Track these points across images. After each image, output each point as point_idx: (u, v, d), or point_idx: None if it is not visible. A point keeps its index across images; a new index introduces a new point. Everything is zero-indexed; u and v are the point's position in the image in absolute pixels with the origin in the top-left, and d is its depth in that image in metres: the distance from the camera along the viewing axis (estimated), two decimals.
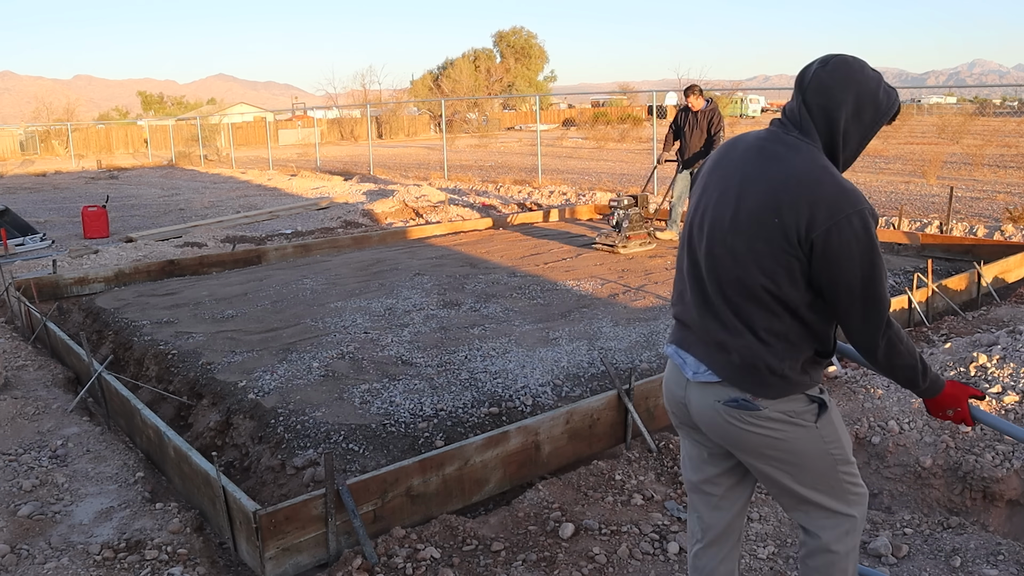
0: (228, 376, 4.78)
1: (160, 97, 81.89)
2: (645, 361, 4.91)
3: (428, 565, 2.82)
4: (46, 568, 2.90)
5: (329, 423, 4.02)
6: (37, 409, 4.44)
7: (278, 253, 9.08)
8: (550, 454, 3.64)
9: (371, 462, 3.66)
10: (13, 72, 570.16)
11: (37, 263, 9.26)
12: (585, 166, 21.62)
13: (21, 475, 3.64)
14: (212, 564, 3.03)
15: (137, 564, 2.93)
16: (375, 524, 3.07)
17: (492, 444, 3.43)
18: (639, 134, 33.75)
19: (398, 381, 4.60)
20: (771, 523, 3.12)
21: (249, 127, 49.01)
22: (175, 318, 6.24)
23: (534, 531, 3.04)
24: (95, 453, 3.92)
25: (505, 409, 4.22)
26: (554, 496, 3.28)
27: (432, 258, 8.58)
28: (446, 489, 3.30)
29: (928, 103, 53.00)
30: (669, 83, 61.40)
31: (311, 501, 2.92)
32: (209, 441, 4.26)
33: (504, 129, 51.17)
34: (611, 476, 3.44)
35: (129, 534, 3.13)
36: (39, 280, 7.37)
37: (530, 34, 67.27)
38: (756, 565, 2.84)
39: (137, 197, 17.72)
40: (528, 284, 7.05)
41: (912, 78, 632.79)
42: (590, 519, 3.11)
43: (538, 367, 4.77)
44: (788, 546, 2.97)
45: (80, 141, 42.27)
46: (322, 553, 2.97)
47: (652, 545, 2.94)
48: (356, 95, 55.02)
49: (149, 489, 3.58)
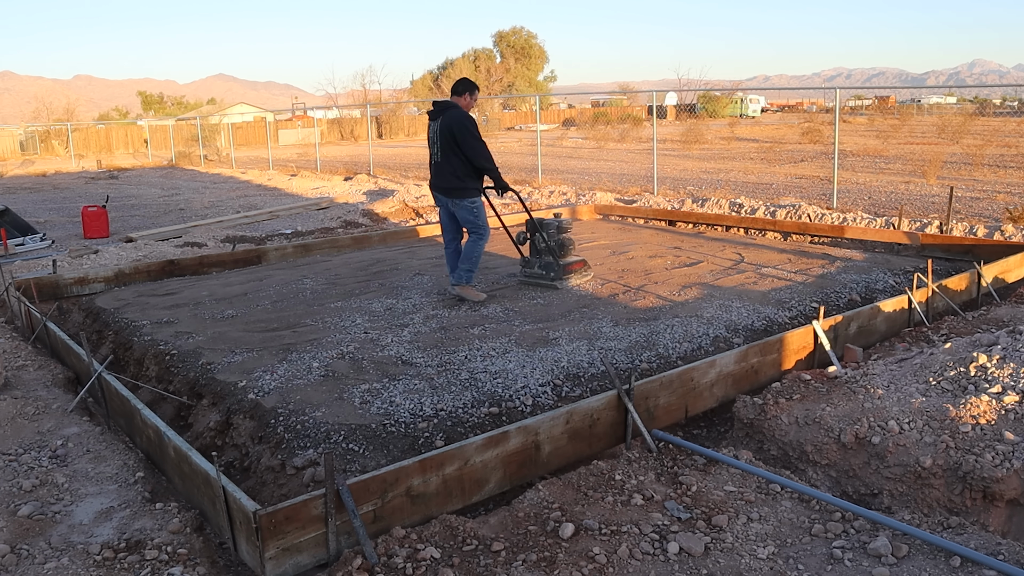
0: (228, 376, 4.78)
1: (160, 97, 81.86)
2: (645, 361, 4.91)
3: (428, 565, 2.82)
4: (46, 568, 2.90)
5: (329, 423, 4.02)
6: (37, 409, 4.45)
7: (278, 253, 9.08)
8: (550, 454, 3.64)
9: (371, 462, 3.66)
10: (13, 72, 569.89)
11: (37, 263, 9.27)
12: (585, 166, 21.64)
13: (21, 475, 3.64)
14: (212, 564, 3.03)
15: (137, 564, 2.93)
16: (375, 524, 3.07)
17: (492, 444, 3.43)
18: (639, 134, 33.77)
19: (398, 381, 4.60)
20: (771, 523, 3.12)
21: (249, 127, 49.01)
22: (175, 318, 6.24)
23: (534, 531, 3.04)
24: (95, 453, 3.93)
25: (505, 409, 4.22)
26: (554, 496, 3.28)
27: (432, 258, 8.58)
28: (446, 489, 3.30)
29: (928, 103, 53.02)
30: (669, 83, 61.32)
31: (311, 501, 2.92)
32: (209, 441, 4.26)
33: (504, 129, 51.17)
34: (611, 476, 3.44)
35: (129, 534, 3.13)
36: (39, 280, 7.37)
37: (530, 34, 67.34)
38: (756, 565, 2.84)
39: (137, 197, 17.72)
40: (528, 284, 7.05)
41: (912, 78, 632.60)
42: (590, 519, 3.11)
43: (538, 367, 4.77)
44: (788, 546, 2.98)
45: (80, 141, 42.29)
46: (322, 553, 2.97)
47: (652, 545, 2.95)
48: (356, 95, 55.04)
49: (149, 489, 3.58)
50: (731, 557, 2.88)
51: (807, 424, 3.88)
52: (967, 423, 3.57)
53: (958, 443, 3.47)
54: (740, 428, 4.15)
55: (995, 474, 3.28)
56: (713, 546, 2.94)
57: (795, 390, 4.26)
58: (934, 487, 3.41)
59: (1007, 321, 5.42)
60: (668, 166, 19.58)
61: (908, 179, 15.39)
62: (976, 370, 3.95)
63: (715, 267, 7.59)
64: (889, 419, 3.73)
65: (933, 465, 3.44)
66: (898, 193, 13.46)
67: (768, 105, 69.80)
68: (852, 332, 5.27)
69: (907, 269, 7.21)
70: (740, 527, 3.08)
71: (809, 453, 3.79)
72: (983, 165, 16.88)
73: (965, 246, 7.88)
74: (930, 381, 4.00)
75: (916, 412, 3.74)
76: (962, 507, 3.33)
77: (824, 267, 7.49)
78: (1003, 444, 3.39)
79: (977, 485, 3.31)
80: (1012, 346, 4.06)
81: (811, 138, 27.37)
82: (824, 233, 9.17)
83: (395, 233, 10.19)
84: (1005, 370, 3.89)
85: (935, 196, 12.75)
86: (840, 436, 3.74)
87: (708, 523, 3.10)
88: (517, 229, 10.67)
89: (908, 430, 3.64)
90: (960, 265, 7.39)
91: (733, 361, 4.48)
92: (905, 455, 3.53)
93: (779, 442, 3.92)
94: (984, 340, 4.30)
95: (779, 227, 9.59)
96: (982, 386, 3.82)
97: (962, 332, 5.27)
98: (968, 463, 3.35)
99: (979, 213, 10.90)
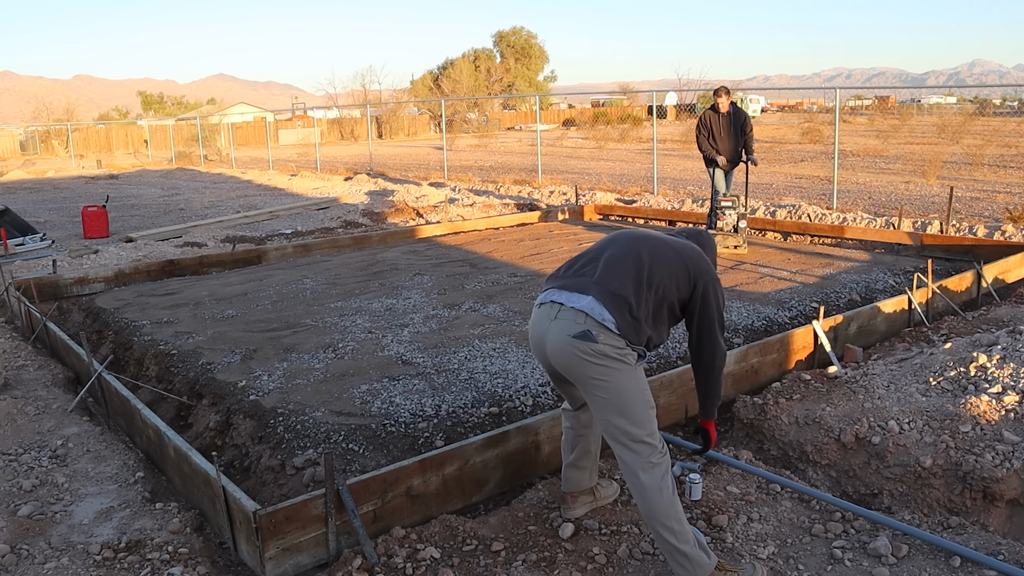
0: (228, 376, 4.78)
1: (160, 97, 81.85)
2: (644, 361, 4.91)
3: (428, 565, 2.82)
4: (46, 568, 2.90)
5: (329, 423, 4.02)
6: (37, 409, 4.44)
7: (278, 253, 9.08)
8: (550, 454, 3.63)
9: (371, 462, 3.65)
10: (13, 72, 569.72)
11: (37, 263, 9.27)
12: (585, 166, 21.63)
13: (21, 475, 3.64)
14: (212, 564, 3.03)
15: (137, 564, 2.93)
16: (375, 524, 3.07)
17: (492, 444, 3.43)
18: (639, 134, 33.77)
19: (398, 381, 4.60)
20: (771, 523, 3.12)
21: (249, 127, 49.01)
22: (175, 318, 6.24)
23: (534, 531, 3.04)
24: (95, 453, 3.92)
25: (505, 409, 4.22)
26: (554, 496, 3.28)
27: (432, 258, 8.59)
28: (446, 489, 3.30)
29: (928, 103, 53.02)
30: (669, 83, 61.38)
31: (311, 501, 2.92)
32: (209, 441, 4.26)
33: (504, 129, 51.18)
34: (611, 476, 3.44)
35: (129, 534, 3.13)
36: (39, 280, 7.37)
37: (530, 34, 67.30)
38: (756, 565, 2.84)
39: (137, 197, 17.72)
40: (528, 284, 7.05)
41: (912, 78, 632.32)
42: (590, 519, 3.11)
43: (538, 367, 4.77)
44: (788, 546, 2.98)
45: (80, 141, 42.27)
46: (322, 553, 2.97)
47: (652, 545, 2.94)
48: (356, 95, 55.05)
49: (149, 489, 3.57)
50: (731, 557, 2.88)
51: (807, 424, 3.88)
52: (967, 423, 3.56)
53: (958, 443, 3.47)
54: (740, 428, 4.15)
55: (995, 474, 3.27)
56: (713, 546, 2.94)
57: (795, 390, 4.26)
58: (934, 487, 3.41)
59: (1007, 321, 5.41)
60: (668, 166, 19.58)
61: (908, 179, 15.39)
62: (976, 370, 3.95)
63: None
64: (889, 419, 3.72)
65: (933, 465, 3.44)
66: (898, 193, 13.46)
67: (768, 105, 69.79)
68: (852, 332, 5.27)
69: (907, 269, 7.21)
70: (740, 527, 3.08)
71: (809, 453, 3.79)
72: (983, 165, 16.88)
73: (965, 246, 7.88)
74: (930, 381, 4.00)
75: (916, 412, 3.74)
76: (962, 507, 3.33)
77: (824, 267, 7.48)
78: (1003, 444, 3.39)
79: (977, 485, 3.31)
80: (1012, 346, 4.06)
81: (811, 138, 27.37)
82: (824, 233, 9.16)
83: (395, 233, 10.19)
84: (1005, 370, 3.88)
85: (935, 196, 12.74)
86: (840, 436, 3.74)
87: (708, 523, 3.09)
88: (519, 231, 10.67)
89: (908, 430, 3.63)
90: (960, 265, 7.39)
91: (733, 361, 4.48)
92: (905, 455, 3.53)
93: (779, 442, 3.92)
94: (984, 340, 4.30)
95: (779, 227, 9.59)
96: (982, 386, 3.81)
97: (962, 332, 5.27)
98: (968, 463, 3.35)
99: (979, 213, 10.89)
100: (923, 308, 5.79)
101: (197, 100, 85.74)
